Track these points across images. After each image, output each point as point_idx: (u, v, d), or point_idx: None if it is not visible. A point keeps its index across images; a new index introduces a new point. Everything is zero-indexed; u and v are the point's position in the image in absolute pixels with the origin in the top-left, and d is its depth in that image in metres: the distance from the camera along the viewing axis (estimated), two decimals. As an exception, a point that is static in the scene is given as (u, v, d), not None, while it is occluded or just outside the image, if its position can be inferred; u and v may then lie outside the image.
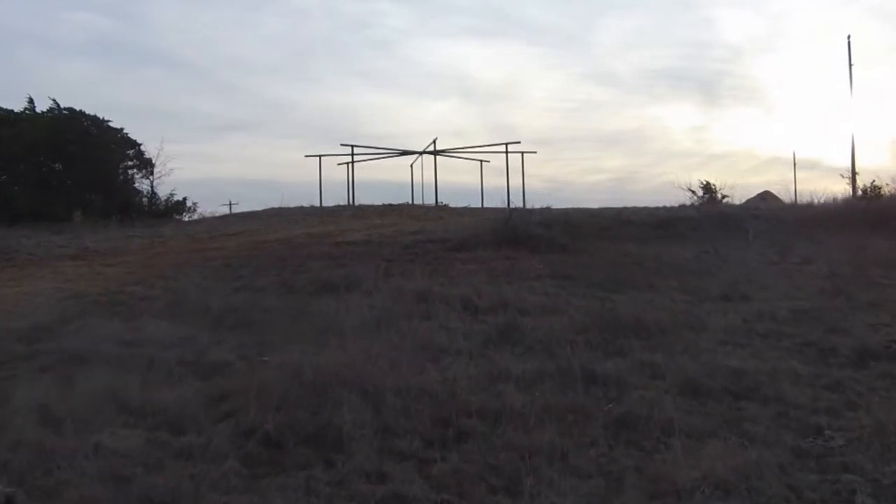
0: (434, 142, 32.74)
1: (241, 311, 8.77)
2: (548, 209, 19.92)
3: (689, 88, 54.18)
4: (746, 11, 51.62)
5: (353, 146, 32.23)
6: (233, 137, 54.04)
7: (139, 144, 29.41)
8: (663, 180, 44.97)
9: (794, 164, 33.79)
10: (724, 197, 32.31)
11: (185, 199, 28.53)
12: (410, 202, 30.90)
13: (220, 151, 51.91)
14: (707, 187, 35.04)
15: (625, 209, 25.38)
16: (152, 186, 28.33)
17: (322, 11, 56.50)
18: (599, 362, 5.99)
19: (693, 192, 32.73)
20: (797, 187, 33.21)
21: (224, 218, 25.97)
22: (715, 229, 19.07)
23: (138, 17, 52.86)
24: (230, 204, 34.39)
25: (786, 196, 30.41)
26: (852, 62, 30.13)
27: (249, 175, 48.53)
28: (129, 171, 29.83)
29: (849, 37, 30.37)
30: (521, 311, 8.43)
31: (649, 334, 7.29)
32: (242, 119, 54.84)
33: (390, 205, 27.86)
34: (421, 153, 33.61)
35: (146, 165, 29.68)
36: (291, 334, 7.35)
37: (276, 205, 27.74)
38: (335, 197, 30.61)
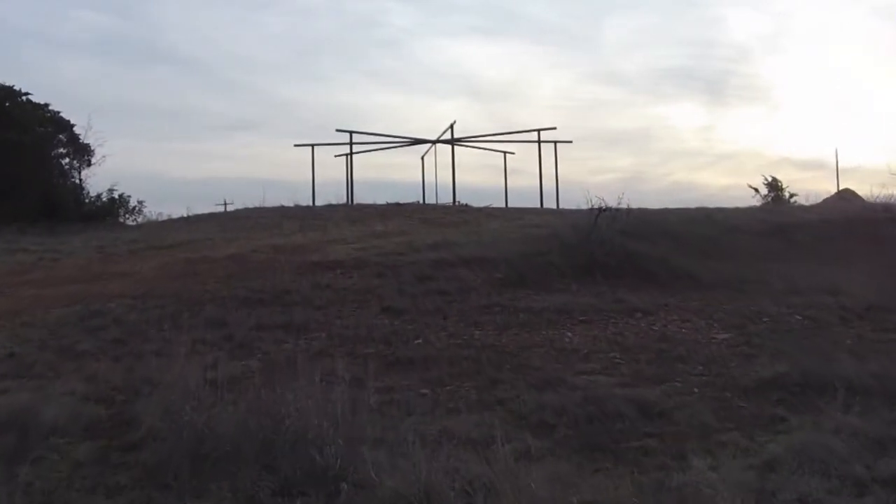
0: (451, 126, 25.77)
1: None
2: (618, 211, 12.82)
3: (696, 88, 52.40)
4: (752, 11, 49.62)
5: (351, 132, 25.34)
6: (237, 137, 51.11)
7: (72, 126, 22.59)
8: (671, 180, 42.96)
9: (837, 162, 27.77)
10: (791, 196, 26.21)
11: (121, 196, 21.29)
12: (422, 202, 23.90)
13: (224, 150, 48.54)
14: (773, 184, 28.53)
15: (707, 210, 18.24)
16: (80, 180, 21.34)
17: (328, 10, 54.05)
18: None
19: (756, 189, 26.37)
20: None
21: (171, 223, 19.06)
22: (848, 237, 12.61)
23: (143, 16, 50.51)
24: (224, 204, 28.02)
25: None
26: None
27: (253, 175, 44.38)
28: (62, 161, 23.07)
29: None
30: None
31: None
32: (247, 118, 51.87)
33: (397, 204, 20.92)
34: (434, 142, 26.63)
35: (82, 153, 22.89)
36: None
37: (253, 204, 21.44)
38: (334, 197, 23.92)
